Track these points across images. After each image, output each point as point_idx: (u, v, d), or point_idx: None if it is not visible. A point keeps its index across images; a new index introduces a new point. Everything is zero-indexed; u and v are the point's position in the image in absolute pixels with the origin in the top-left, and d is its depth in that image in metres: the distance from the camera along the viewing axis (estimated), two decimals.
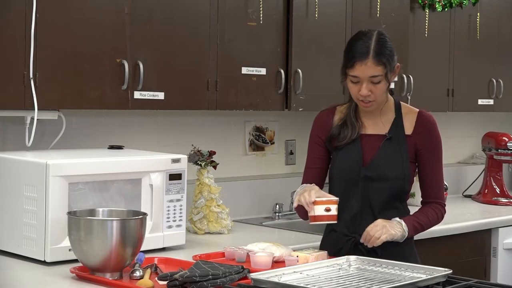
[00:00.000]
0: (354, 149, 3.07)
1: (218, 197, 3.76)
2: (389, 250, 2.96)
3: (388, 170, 3.03)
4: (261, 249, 3.00)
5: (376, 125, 3.10)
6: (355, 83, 2.98)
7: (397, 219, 3.01)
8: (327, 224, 3.16)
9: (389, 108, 3.12)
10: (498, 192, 5.06)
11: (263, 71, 3.89)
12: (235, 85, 3.78)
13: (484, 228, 4.37)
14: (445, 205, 3.15)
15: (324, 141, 3.13)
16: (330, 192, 3.05)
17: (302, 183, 3.13)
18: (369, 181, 3.04)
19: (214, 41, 3.69)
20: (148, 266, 2.81)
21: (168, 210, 3.28)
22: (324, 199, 2.90)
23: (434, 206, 3.11)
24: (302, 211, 2.98)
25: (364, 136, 3.09)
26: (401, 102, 3.16)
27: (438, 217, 3.13)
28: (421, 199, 3.17)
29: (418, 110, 3.15)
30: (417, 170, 3.13)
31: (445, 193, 4.80)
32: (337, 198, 2.93)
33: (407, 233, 2.99)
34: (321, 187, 3.06)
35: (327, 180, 3.18)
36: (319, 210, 2.89)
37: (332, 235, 3.13)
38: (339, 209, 2.94)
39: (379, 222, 2.97)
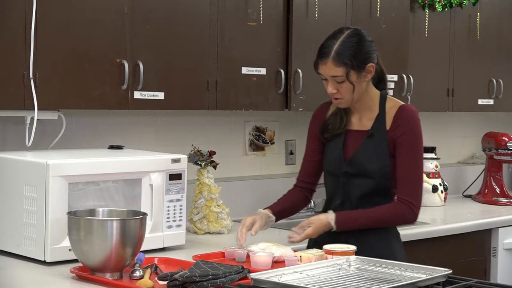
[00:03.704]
0: (337, 144, 3.14)
1: (218, 197, 3.76)
2: (363, 240, 3.02)
3: (368, 167, 3.07)
4: (261, 249, 3.00)
5: (361, 121, 3.15)
6: (324, 80, 3.07)
7: (331, 214, 3.06)
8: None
9: (374, 103, 3.14)
10: (498, 192, 5.06)
11: (263, 71, 3.89)
12: (235, 85, 3.79)
13: (484, 228, 4.37)
14: (415, 206, 3.06)
15: (317, 134, 3.21)
16: (325, 187, 3.23)
17: (299, 174, 3.28)
18: (349, 177, 3.10)
19: (214, 41, 3.69)
20: (148, 266, 2.81)
21: (168, 210, 3.28)
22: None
23: (398, 204, 3.08)
24: None
25: (349, 131, 3.15)
26: (387, 97, 3.17)
27: (398, 216, 3.09)
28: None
29: (401, 104, 3.15)
30: None
31: (444, 192, 4.85)
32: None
33: (334, 226, 3.04)
34: (316, 179, 3.25)
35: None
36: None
37: None
38: (327, 202, 3.19)
39: (306, 223, 3.08)
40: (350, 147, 3.12)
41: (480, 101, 5.08)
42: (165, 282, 2.60)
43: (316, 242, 3.14)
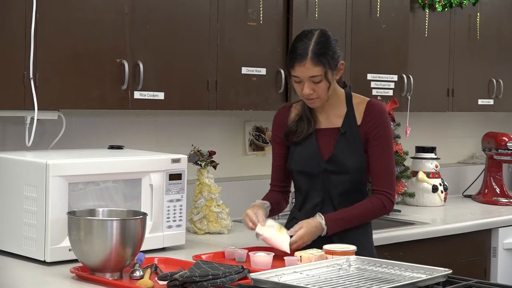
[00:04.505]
0: (311, 144, 3.15)
1: (218, 197, 3.76)
2: (346, 237, 3.06)
3: (348, 164, 3.10)
4: (269, 225, 3.03)
5: (329, 119, 3.16)
6: (298, 82, 3.06)
7: (320, 216, 3.06)
8: (290, 212, 3.31)
9: (340, 101, 3.16)
10: (498, 192, 5.06)
11: (263, 71, 3.89)
12: (235, 85, 3.79)
13: (484, 228, 4.37)
14: (392, 196, 3.13)
15: (282, 139, 3.22)
16: (295, 186, 3.23)
17: (271, 179, 3.30)
18: (329, 174, 3.12)
19: (214, 41, 3.69)
20: (148, 266, 2.81)
21: (168, 210, 3.28)
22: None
23: (378, 196, 3.12)
24: None
25: (319, 130, 3.16)
26: (352, 94, 3.19)
27: (380, 208, 3.12)
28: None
29: (368, 99, 3.18)
30: None
31: (444, 192, 4.85)
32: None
33: (325, 230, 3.06)
34: (289, 181, 3.28)
35: None
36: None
37: (293, 223, 3.19)
38: (303, 200, 3.18)
39: (303, 235, 3.04)
40: (324, 145, 3.13)
41: (480, 101, 5.08)
42: (165, 282, 2.60)
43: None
